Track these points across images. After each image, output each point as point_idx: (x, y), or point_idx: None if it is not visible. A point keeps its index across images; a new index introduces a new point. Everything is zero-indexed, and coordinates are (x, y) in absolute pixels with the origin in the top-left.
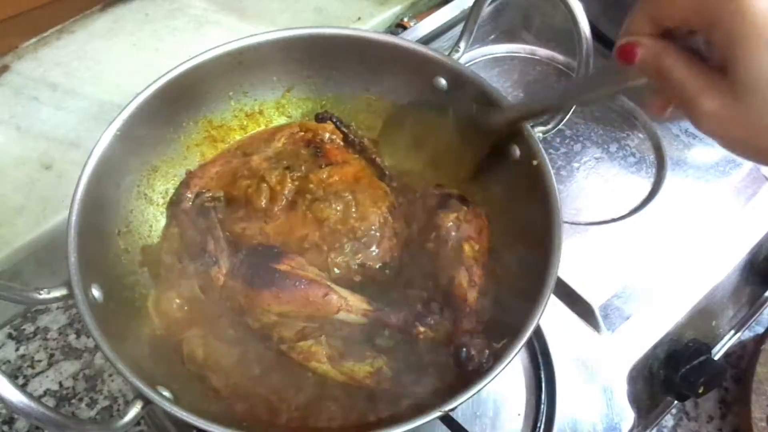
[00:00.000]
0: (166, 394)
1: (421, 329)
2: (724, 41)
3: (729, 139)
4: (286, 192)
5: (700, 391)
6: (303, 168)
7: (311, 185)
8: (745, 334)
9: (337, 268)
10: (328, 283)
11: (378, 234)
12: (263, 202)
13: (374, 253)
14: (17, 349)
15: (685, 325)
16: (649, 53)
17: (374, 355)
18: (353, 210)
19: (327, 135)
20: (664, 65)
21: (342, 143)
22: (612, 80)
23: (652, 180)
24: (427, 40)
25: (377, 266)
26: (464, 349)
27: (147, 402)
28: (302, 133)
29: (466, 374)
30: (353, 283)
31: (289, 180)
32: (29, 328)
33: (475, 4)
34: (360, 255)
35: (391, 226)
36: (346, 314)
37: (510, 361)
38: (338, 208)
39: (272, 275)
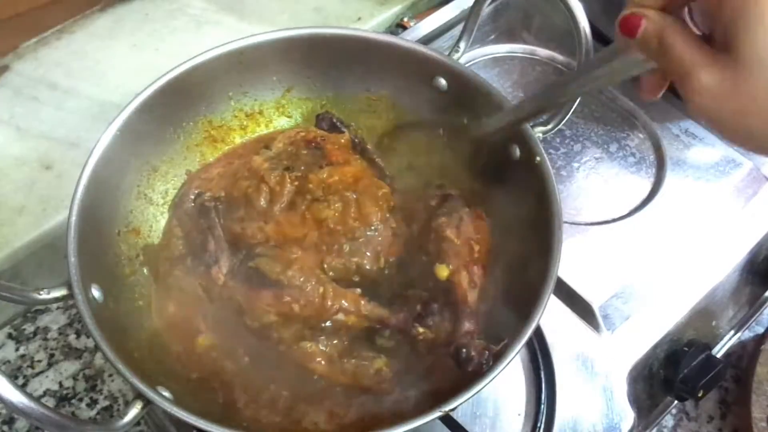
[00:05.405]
0: (166, 394)
1: (421, 330)
2: (729, 14)
3: (721, 116)
4: (285, 192)
5: (700, 395)
6: (303, 168)
7: (311, 185)
8: (745, 334)
9: (336, 269)
10: (328, 283)
11: (378, 234)
12: (263, 203)
13: (374, 254)
14: (17, 349)
15: (685, 325)
16: (653, 27)
17: (374, 355)
18: (353, 210)
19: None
20: (667, 40)
21: (342, 143)
22: (609, 66)
23: (652, 180)
24: (427, 40)
25: (377, 267)
26: (464, 350)
27: (147, 402)
28: (303, 134)
29: (466, 375)
30: (352, 284)
31: (288, 180)
32: (29, 328)
33: (475, 4)
34: (359, 255)
35: (391, 227)
36: (346, 315)
37: (510, 362)
38: (338, 208)
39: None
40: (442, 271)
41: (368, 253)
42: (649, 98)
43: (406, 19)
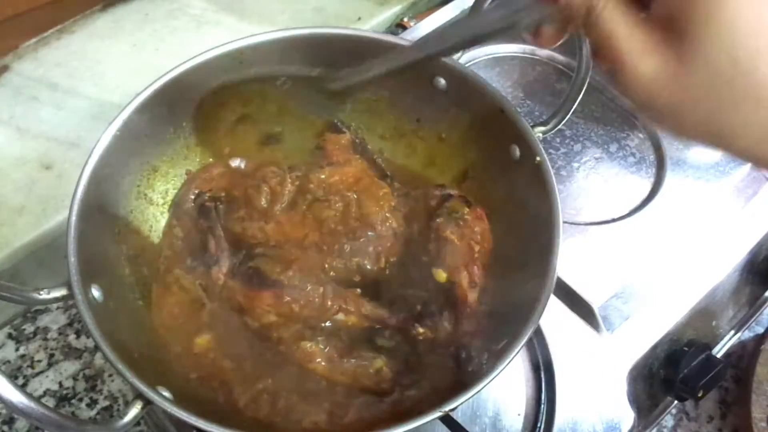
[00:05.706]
0: (166, 394)
1: (421, 330)
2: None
3: (658, 105)
4: (286, 192)
5: (700, 395)
6: (303, 168)
7: (311, 185)
8: (745, 334)
9: (336, 269)
10: (328, 283)
11: (378, 234)
12: (263, 203)
13: (374, 254)
14: (17, 349)
15: (685, 325)
16: None
17: (374, 355)
18: (353, 210)
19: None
20: (599, 14)
21: (343, 143)
22: (506, 13)
23: (652, 180)
24: None
25: (377, 267)
26: (464, 350)
27: (147, 402)
28: None
29: (466, 375)
30: (353, 284)
31: (289, 180)
32: (29, 328)
33: (475, 3)
34: (360, 255)
35: (392, 227)
36: (346, 315)
37: (510, 362)
38: (338, 208)
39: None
40: (441, 275)
41: (369, 253)
42: (542, 45)
43: (406, 19)
